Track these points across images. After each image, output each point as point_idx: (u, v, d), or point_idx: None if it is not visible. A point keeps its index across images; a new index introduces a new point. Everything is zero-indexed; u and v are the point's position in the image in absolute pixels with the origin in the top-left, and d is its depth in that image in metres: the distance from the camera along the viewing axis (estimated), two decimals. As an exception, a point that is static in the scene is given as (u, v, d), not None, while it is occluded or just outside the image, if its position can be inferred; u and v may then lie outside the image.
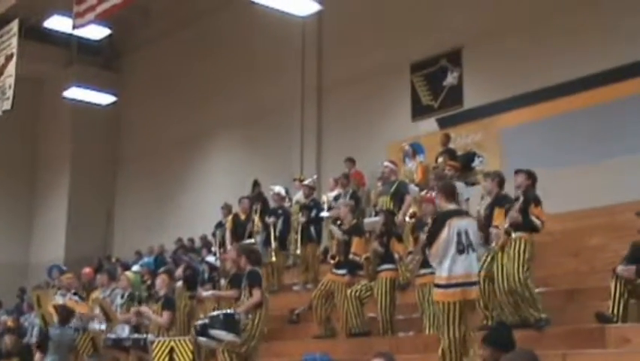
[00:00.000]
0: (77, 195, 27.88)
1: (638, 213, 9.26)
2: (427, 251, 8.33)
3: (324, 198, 15.71)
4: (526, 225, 9.38)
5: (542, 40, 16.32)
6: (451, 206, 8.36)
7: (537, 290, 9.47)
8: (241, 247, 12.31)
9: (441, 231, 8.07)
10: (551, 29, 16.20)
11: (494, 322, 9.31)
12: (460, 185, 12.39)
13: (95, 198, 28.21)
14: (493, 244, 9.50)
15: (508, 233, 9.36)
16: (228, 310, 10.19)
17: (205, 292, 12.63)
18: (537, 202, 9.49)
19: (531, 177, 9.72)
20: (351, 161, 16.90)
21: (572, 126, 15.53)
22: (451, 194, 8.51)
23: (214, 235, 16.82)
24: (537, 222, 9.39)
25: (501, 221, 9.50)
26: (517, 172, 9.79)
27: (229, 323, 9.98)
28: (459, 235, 8.06)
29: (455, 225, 8.07)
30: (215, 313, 10.26)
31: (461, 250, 8.05)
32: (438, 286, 8.18)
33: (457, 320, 8.03)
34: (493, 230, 9.53)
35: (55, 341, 12.63)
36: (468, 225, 8.18)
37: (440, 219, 8.21)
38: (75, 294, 14.14)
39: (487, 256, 9.65)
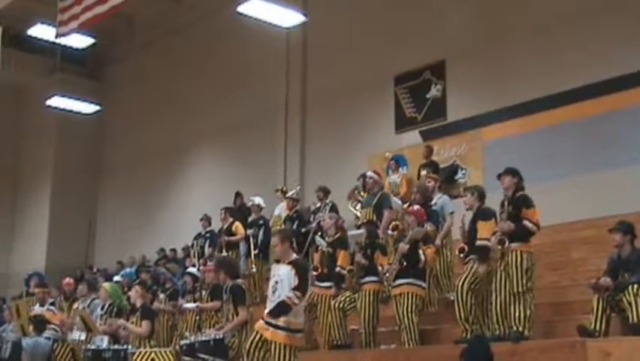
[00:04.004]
0: (59, 205, 27.71)
1: (610, 229, 9.25)
2: (292, 295, 8.37)
3: (312, 207, 15.69)
4: (519, 232, 9.14)
5: (525, 53, 16.38)
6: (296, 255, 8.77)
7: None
8: (218, 261, 12.29)
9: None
10: (534, 43, 16.27)
11: (473, 336, 9.29)
12: (445, 198, 12.39)
13: (77, 208, 28.02)
14: (491, 254, 9.36)
15: (501, 243, 9.11)
16: (217, 336, 10.08)
17: (187, 305, 12.57)
18: (528, 204, 9.24)
19: (516, 174, 9.48)
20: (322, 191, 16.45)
21: (555, 140, 15.56)
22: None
23: (191, 246, 16.80)
24: (530, 225, 9.12)
25: (487, 233, 9.43)
26: (501, 175, 9.57)
27: (219, 349, 9.93)
28: None
29: None
30: (204, 338, 10.14)
31: None
32: (300, 331, 8.60)
33: None
34: (487, 242, 9.41)
35: (29, 352, 12.57)
36: None
37: (306, 269, 8.63)
38: (52, 304, 14.05)
39: (470, 269, 9.63)
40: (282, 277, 8.29)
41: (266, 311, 8.54)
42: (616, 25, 15.03)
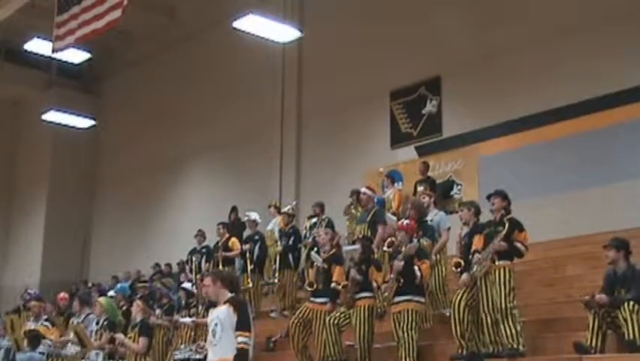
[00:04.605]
0: (54, 219, 27.68)
1: (604, 246, 9.30)
2: (242, 342, 7.49)
3: (306, 223, 15.67)
4: (510, 252, 9.42)
5: (520, 69, 16.43)
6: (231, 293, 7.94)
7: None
8: (218, 274, 12.16)
9: None
10: (529, 59, 16.31)
11: (468, 352, 9.32)
12: (441, 214, 12.40)
13: (73, 222, 27.97)
14: (475, 269, 9.47)
15: (492, 261, 9.36)
16: None
17: (183, 319, 12.54)
18: (521, 228, 9.55)
19: (506, 198, 9.77)
20: (319, 207, 16.39)
21: (551, 155, 15.59)
22: (234, 283, 8.15)
23: (187, 261, 16.80)
24: (522, 248, 9.47)
25: (479, 245, 9.55)
26: (491, 196, 9.83)
27: None
28: None
29: None
30: (198, 355, 10.06)
31: None
32: None
33: None
34: (474, 255, 9.54)
35: None
36: None
37: (244, 304, 7.93)
38: (47, 320, 14.00)
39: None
40: (221, 317, 7.64)
41: (209, 357, 7.73)
42: (611, 42, 15.08)
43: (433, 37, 18.10)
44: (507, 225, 9.46)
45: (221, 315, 7.66)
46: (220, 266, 15.37)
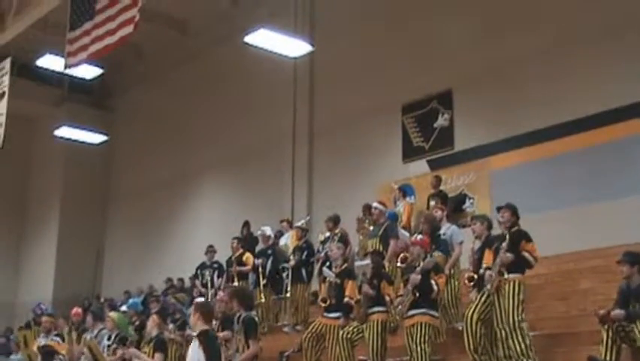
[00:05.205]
0: (67, 234, 27.74)
1: (618, 261, 9.28)
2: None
3: (320, 237, 15.66)
4: (518, 264, 9.44)
5: (531, 82, 16.40)
6: (207, 327, 7.99)
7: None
8: (233, 290, 12.15)
9: None
10: (540, 73, 16.28)
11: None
12: (454, 228, 12.39)
13: (85, 237, 28.05)
14: (488, 286, 9.49)
15: (501, 274, 9.40)
16: None
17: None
18: (528, 239, 9.58)
19: (515, 213, 9.82)
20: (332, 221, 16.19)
21: (563, 169, 15.55)
22: (211, 314, 8.25)
23: (196, 276, 16.83)
24: (530, 258, 9.51)
25: (490, 261, 9.56)
26: (502, 208, 9.89)
27: None
28: None
29: None
30: None
31: None
32: None
33: None
34: (485, 272, 9.57)
35: None
36: None
37: (211, 338, 7.89)
38: (57, 335, 14.02)
39: (480, 299, 9.65)
40: (192, 352, 7.75)
41: None
42: (621, 55, 15.05)
43: (444, 51, 18.09)
44: (508, 237, 9.50)
45: (192, 349, 7.77)
46: (235, 281, 15.44)
